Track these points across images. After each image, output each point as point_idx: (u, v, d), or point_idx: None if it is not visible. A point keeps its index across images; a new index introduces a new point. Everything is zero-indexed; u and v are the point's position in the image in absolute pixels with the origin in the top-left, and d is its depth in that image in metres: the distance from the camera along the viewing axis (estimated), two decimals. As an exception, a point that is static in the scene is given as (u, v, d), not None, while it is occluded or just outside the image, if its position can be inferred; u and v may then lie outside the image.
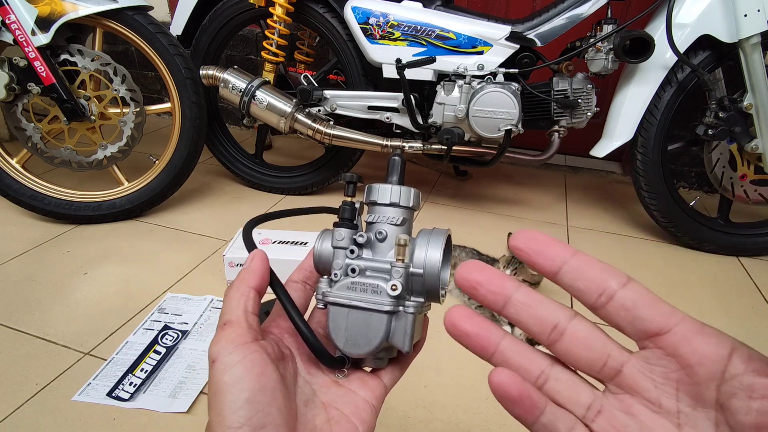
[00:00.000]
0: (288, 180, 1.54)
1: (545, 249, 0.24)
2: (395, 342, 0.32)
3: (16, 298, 1.01)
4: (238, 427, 0.25)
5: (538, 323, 0.23)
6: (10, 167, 1.25)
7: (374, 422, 0.32)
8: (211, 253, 1.20)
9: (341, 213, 0.34)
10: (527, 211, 1.52)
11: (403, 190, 0.33)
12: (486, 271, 0.24)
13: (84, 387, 0.79)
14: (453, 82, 1.23)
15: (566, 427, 0.22)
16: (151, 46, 1.22)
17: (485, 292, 0.24)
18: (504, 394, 0.22)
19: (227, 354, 0.26)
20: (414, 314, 0.32)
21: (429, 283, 0.31)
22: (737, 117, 1.14)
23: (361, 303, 0.31)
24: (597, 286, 0.22)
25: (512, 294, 0.24)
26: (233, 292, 0.30)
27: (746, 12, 1.05)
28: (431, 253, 0.31)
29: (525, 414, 0.23)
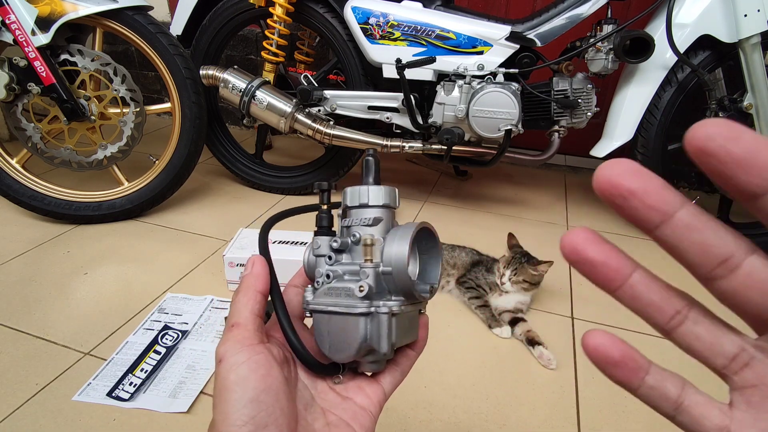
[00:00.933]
0: (288, 180, 1.54)
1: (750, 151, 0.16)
2: (373, 344, 0.31)
3: (16, 298, 1.01)
4: (241, 425, 0.25)
5: (702, 252, 0.17)
6: (10, 167, 1.25)
7: (373, 427, 0.32)
8: (211, 253, 1.20)
9: (318, 222, 0.35)
10: (527, 211, 1.52)
11: (372, 189, 0.33)
12: (643, 175, 0.17)
13: (84, 387, 0.79)
14: (453, 82, 1.23)
15: (676, 388, 0.20)
16: (151, 46, 1.22)
17: (638, 205, 0.17)
18: (603, 357, 0.20)
19: (234, 354, 0.27)
20: (387, 314, 0.30)
21: (398, 279, 0.30)
22: (737, 117, 1.14)
23: (336, 308, 0.31)
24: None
25: (676, 211, 0.17)
26: (240, 296, 0.31)
27: (746, 12, 1.05)
28: (397, 248, 0.30)
29: (628, 377, 0.20)
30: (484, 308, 1.00)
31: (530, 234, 1.36)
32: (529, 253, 1.02)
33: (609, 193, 0.17)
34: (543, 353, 0.89)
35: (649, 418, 0.79)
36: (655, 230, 0.18)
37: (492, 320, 0.97)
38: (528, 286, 0.99)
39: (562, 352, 0.92)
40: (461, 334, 0.96)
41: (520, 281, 0.98)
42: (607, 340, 0.20)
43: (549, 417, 0.78)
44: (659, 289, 0.20)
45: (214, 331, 0.94)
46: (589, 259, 0.19)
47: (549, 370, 0.88)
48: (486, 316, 0.99)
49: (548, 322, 1.01)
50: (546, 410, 0.79)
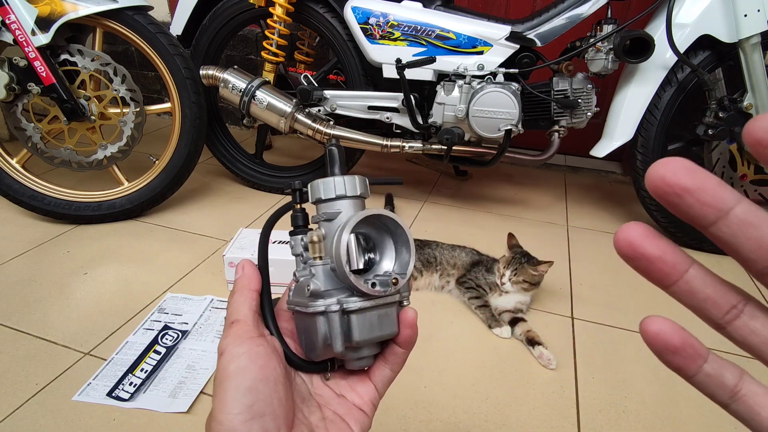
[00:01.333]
0: (288, 180, 1.54)
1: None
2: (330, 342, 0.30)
3: (16, 298, 1.01)
4: (237, 413, 0.26)
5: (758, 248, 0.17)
6: (10, 167, 1.25)
7: (369, 423, 0.32)
8: (211, 253, 1.20)
9: (293, 221, 0.34)
10: (527, 211, 1.52)
11: (325, 182, 0.31)
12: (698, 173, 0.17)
13: (84, 387, 0.79)
14: (453, 82, 1.23)
15: (734, 377, 0.19)
16: (151, 46, 1.22)
17: (694, 202, 0.17)
18: (663, 344, 0.19)
19: (234, 346, 0.28)
20: (338, 312, 0.29)
21: (340, 274, 0.29)
22: (737, 117, 1.14)
23: (300, 307, 0.31)
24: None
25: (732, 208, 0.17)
26: (237, 295, 0.32)
27: (746, 12, 1.05)
28: (337, 241, 0.29)
29: (687, 364, 0.20)
30: (484, 308, 1.00)
31: (530, 234, 1.36)
32: (529, 253, 1.02)
33: (663, 192, 0.17)
34: (543, 353, 0.89)
35: (649, 419, 0.79)
36: (710, 227, 0.18)
37: (492, 320, 0.97)
38: (528, 286, 0.99)
39: (562, 352, 0.92)
40: (461, 334, 0.96)
41: (520, 281, 0.98)
42: (668, 326, 0.19)
43: (549, 417, 0.78)
44: (714, 283, 0.19)
45: (214, 331, 0.94)
46: (646, 254, 0.19)
47: (549, 370, 0.88)
48: (486, 316, 0.99)
49: (548, 322, 1.01)
50: (546, 410, 0.79)
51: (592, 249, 1.32)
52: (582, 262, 1.24)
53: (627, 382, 0.86)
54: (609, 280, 1.16)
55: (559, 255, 1.26)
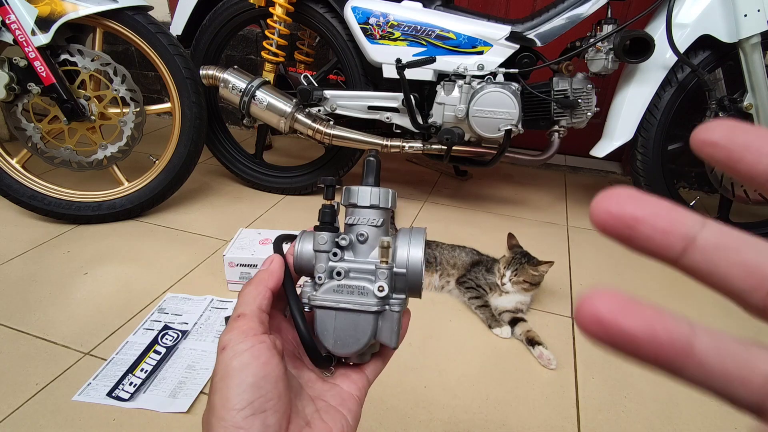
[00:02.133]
0: (288, 180, 1.54)
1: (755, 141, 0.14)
2: (383, 339, 0.33)
3: (16, 298, 1.01)
4: (240, 409, 0.26)
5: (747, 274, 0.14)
6: (10, 167, 1.25)
7: (359, 411, 0.33)
8: (211, 253, 1.20)
9: (321, 216, 0.35)
10: (527, 211, 1.52)
11: (381, 192, 0.34)
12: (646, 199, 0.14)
13: (84, 387, 0.79)
14: (453, 82, 1.23)
15: None
16: (151, 46, 1.22)
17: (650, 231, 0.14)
18: None
19: (237, 342, 0.28)
20: (399, 312, 0.33)
21: (412, 281, 0.33)
22: (737, 117, 1.13)
23: (348, 305, 0.32)
24: None
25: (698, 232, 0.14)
26: (251, 288, 0.32)
27: (746, 12, 1.05)
28: (414, 252, 0.32)
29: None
30: (484, 308, 1.00)
31: (530, 234, 1.36)
32: (529, 254, 1.02)
33: (611, 226, 0.14)
34: (543, 353, 0.89)
35: (649, 419, 0.79)
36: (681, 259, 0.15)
37: (492, 320, 0.97)
38: (528, 286, 0.99)
39: (562, 352, 0.92)
40: (461, 334, 0.96)
41: (520, 282, 0.98)
42: None
43: (549, 417, 0.78)
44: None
45: (214, 331, 0.94)
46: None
47: (549, 370, 0.88)
48: (486, 316, 0.99)
49: (548, 322, 1.01)
50: (546, 410, 0.79)
51: (592, 249, 1.32)
52: (582, 262, 1.24)
53: (627, 382, 0.86)
54: (609, 280, 1.16)
55: (559, 255, 1.26)
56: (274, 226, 1.37)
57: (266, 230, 1.13)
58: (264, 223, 1.38)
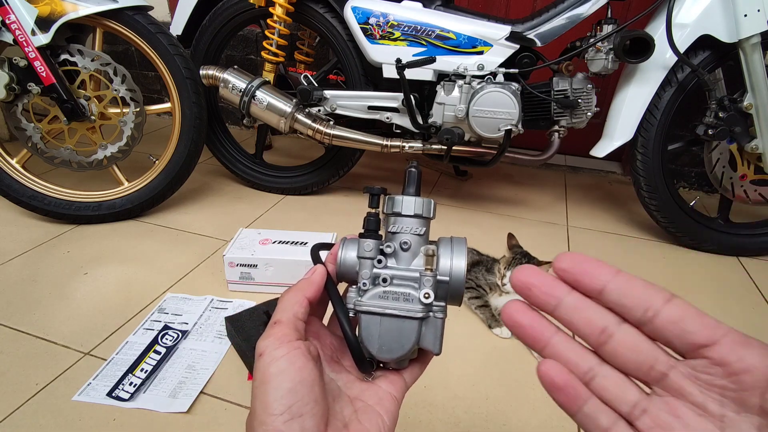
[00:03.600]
0: (288, 180, 1.54)
1: (590, 269, 0.24)
2: (426, 345, 0.34)
3: (16, 298, 1.01)
4: (279, 414, 0.27)
5: (588, 325, 0.24)
6: (10, 167, 1.25)
7: (397, 413, 0.34)
8: (211, 253, 1.20)
9: (366, 224, 0.36)
10: (527, 211, 1.52)
11: (425, 202, 0.35)
12: (539, 274, 0.26)
13: (84, 387, 0.79)
14: (453, 82, 1.23)
15: (608, 421, 0.24)
16: (151, 46, 1.22)
17: (539, 293, 0.25)
18: (550, 382, 0.25)
19: (273, 349, 0.29)
20: (443, 319, 0.34)
21: (455, 289, 0.33)
22: (737, 117, 1.14)
23: (394, 311, 0.33)
24: (643, 302, 0.23)
25: (564, 297, 0.25)
26: (290, 295, 0.33)
27: (746, 12, 1.05)
28: (456, 261, 0.34)
29: (568, 403, 0.25)
30: (484, 308, 1.00)
31: (530, 234, 1.36)
32: (529, 254, 1.02)
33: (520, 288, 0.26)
34: (543, 353, 0.89)
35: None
36: (554, 311, 0.25)
37: (492, 320, 0.97)
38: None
39: (562, 352, 0.92)
40: (461, 334, 0.96)
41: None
42: (555, 369, 0.25)
43: (549, 417, 0.78)
44: (577, 349, 0.25)
45: (215, 331, 0.94)
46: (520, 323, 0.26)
47: (549, 370, 0.88)
48: (486, 316, 0.99)
49: (548, 322, 1.01)
50: (546, 410, 0.79)
51: (592, 249, 1.32)
52: (582, 262, 1.24)
53: (627, 382, 0.86)
54: (609, 280, 1.16)
55: (559, 255, 1.26)
56: (274, 226, 1.37)
57: (266, 230, 1.13)
58: (264, 223, 1.38)
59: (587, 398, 0.25)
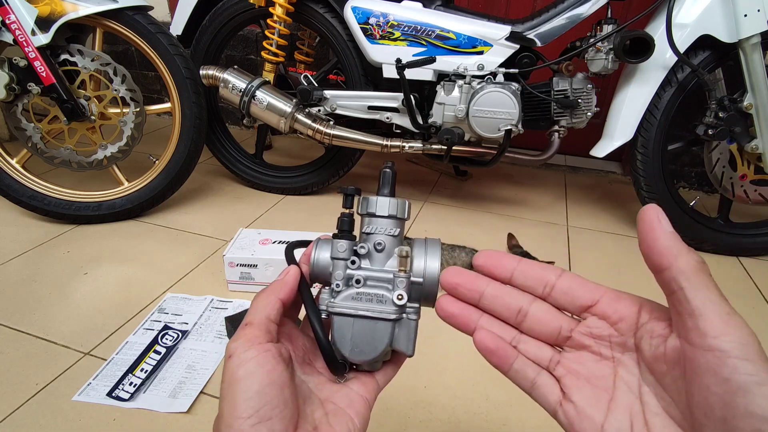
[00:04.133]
0: (288, 180, 1.54)
1: (499, 261, 0.32)
2: (399, 347, 0.34)
3: (16, 298, 1.01)
4: (246, 417, 0.27)
5: (507, 309, 0.31)
6: (10, 167, 1.25)
7: (368, 415, 0.34)
8: (211, 253, 1.20)
9: (340, 225, 0.35)
10: (527, 211, 1.52)
11: (399, 202, 0.35)
12: (462, 274, 0.32)
13: (84, 387, 0.79)
14: (453, 82, 1.23)
15: (533, 372, 0.30)
16: (151, 46, 1.22)
17: (464, 290, 0.32)
18: (485, 347, 0.31)
19: (243, 351, 0.29)
20: (416, 320, 0.34)
21: (428, 290, 0.34)
22: (737, 117, 1.14)
23: (367, 312, 0.33)
24: (541, 280, 0.31)
25: (484, 289, 0.32)
26: (262, 297, 0.33)
27: (746, 12, 1.05)
28: (430, 263, 0.34)
29: (500, 363, 0.31)
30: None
31: (530, 234, 1.36)
32: (529, 253, 1.02)
33: (448, 287, 0.32)
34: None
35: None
36: (479, 303, 0.32)
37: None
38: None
39: (562, 352, 0.92)
40: (461, 334, 0.96)
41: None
42: (488, 336, 0.31)
43: (549, 417, 0.78)
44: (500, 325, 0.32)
45: (215, 331, 0.94)
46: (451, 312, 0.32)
47: (549, 370, 0.88)
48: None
49: (548, 322, 1.01)
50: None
51: (592, 249, 1.32)
52: (582, 262, 1.24)
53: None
54: (609, 280, 1.16)
55: (559, 255, 1.26)
56: (274, 226, 1.37)
57: (266, 230, 1.13)
58: (264, 223, 1.38)
59: (515, 357, 0.31)
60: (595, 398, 0.28)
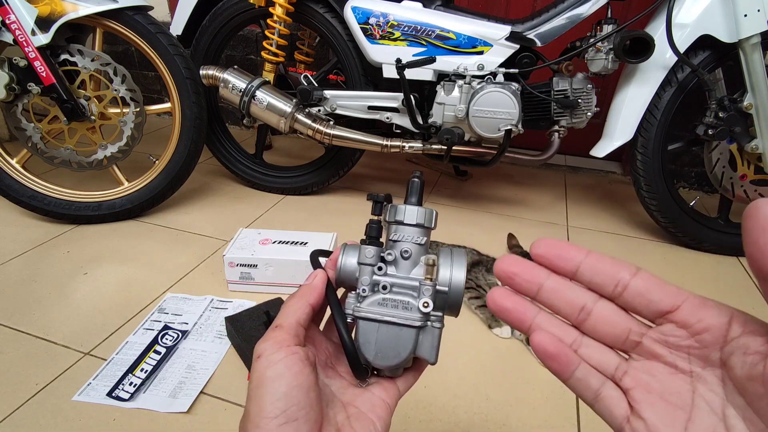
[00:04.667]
0: (288, 180, 1.54)
1: (563, 252, 0.27)
2: (422, 354, 0.34)
3: (16, 298, 1.01)
4: (273, 417, 0.27)
5: (568, 305, 0.27)
6: (10, 167, 1.25)
7: (390, 420, 0.34)
8: (211, 253, 1.20)
9: (369, 231, 0.36)
10: (527, 211, 1.52)
11: (427, 212, 0.35)
12: (521, 263, 0.28)
13: (84, 387, 0.79)
14: (453, 82, 1.23)
15: (597, 382, 0.27)
16: (151, 46, 1.22)
17: (521, 281, 0.28)
18: (543, 351, 0.27)
19: (271, 353, 0.29)
20: (440, 328, 0.34)
21: (453, 300, 0.34)
22: (737, 117, 1.14)
23: (392, 318, 0.33)
24: (612, 278, 0.26)
25: (544, 282, 0.27)
26: (293, 302, 0.33)
27: (746, 12, 1.05)
28: (456, 273, 0.34)
29: (561, 369, 0.27)
30: (484, 308, 1.00)
31: (530, 234, 1.36)
32: (528, 254, 1.02)
33: (503, 277, 0.28)
34: (543, 353, 0.89)
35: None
36: (537, 296, 0.28)
37: (492, 320, 0.97)
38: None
39: (562, 352, 0.92)
40: (461, 334, 0.96)
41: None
42: (548, 338, 0.27)
43: (549, 417, 0.78)
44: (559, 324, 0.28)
45: (215, 331, 0.94)
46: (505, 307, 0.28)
47: (549, 370, 0.88)
48: (486, 316, 0.99)
49: (548, 322, 1.01)
50: (546, 410, 0.79)
51: (592, 249, 1.31)
52: (582, 262, 1.24)
53: (627, 382, 0.86)
54: (609, 280, 1.16)
55: (559, 255, 1.26)
56: (274, 226, 1.37)
57: (266, 230, 1.13)
58: (264, 223, 1.38)
59: (578, 363, 0.27)
60: (670, 417, 0.24)
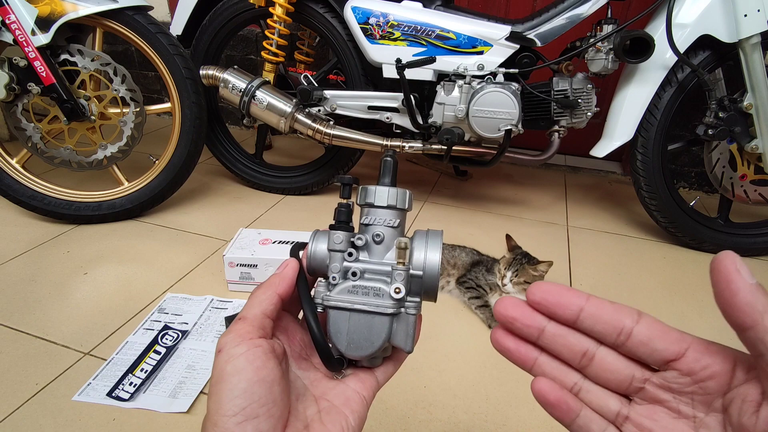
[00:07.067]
0: (288, 180, 1.54)
1: (562, 299, 0.26)
2: (397, 343, 0.32)
3: (16, 298, 1.01)
4: (232, 415, 0.26)
5: (570, 351, 0.27)
6: (10, 167, 1.25)
7: (365, 413, 0.32)
8: (211, 253, 1.20)
9: (337, 215, 0.34)
10: (527, 211, 1.52)
11: (399, 192, 0.33)
12: (520, 307, 0.28)
13: (84, 387, 0.79)
14: (453, 82, 1.23)
15: (599, 427, 0.26)
16: (151, 46, 1.22)
17: (521, 326, 0.28)
18: (544, 399, 0.27)
19: (233, 346, 0.28)
20: (415, 315, 0.32)
21: (429, 284, 0.32)
22: (737, 117, 1.14)
23: (363, 306, 0.32)
24: (614, 327, 0.25)
25: (545, 326, 0.27)
26: (259, 292, 0.32)
27: (746, 12, 1.05)
28: (431, 255, 0.32)
29: (562, 416, 0.27)
30: (484, 308, 1.00)
31: (530, 234, 1.36)
32: (528, 254, 1.02)
33: (503, 322, 0.28)
34: (543, 353, 0.89)
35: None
36: (538, 341, 0.27)
37: (492, 320, 0.97)
38: (528, 286, 0.99)
39: (562, 352, 0.92)
40: (461, 334, 0.96)
41: (521, 282, 0.98)
42: (548, 386, 0.27)
43: (549, 417, 0.78)
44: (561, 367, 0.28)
45: (214, 331, 0.94)
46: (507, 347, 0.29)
47: (549, 370, 0.88)
48: (486, 316, 0.99)
49: (548, 322, 1.01)
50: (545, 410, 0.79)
51: (592, 249, 1.32)
52: (582, 262, 1.24)
53: (627, 382, 0.86)
54: (609, 280, 1.16)
55: (559, 255, 1.26)
56: (274, 226, 1.37)
57: (266, 230, 1.13)
58: (264, 223, 1.38)
59: (579, 410, 0.27)
60: None
